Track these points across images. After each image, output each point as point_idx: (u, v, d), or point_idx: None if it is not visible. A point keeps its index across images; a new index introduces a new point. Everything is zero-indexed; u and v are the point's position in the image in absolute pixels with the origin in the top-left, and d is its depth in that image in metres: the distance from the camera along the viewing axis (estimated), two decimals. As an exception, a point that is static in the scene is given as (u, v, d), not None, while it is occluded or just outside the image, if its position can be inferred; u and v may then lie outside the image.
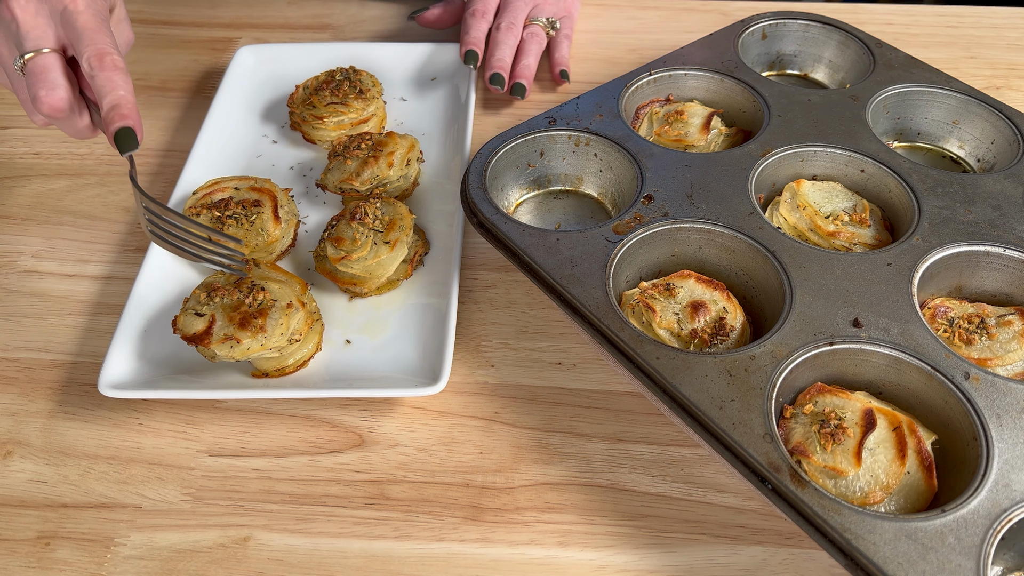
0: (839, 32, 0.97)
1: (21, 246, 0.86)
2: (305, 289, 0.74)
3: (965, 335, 0.68)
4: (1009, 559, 0.58)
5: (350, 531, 0.64)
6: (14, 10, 0.69)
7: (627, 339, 0.63)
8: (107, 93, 0.70)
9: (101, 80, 0.69)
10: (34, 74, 0.70)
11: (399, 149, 0.85)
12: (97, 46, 0.70)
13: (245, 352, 0.67)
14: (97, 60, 0.69)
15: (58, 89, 0.70)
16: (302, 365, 0.72)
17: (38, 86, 0.69)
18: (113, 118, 0.70)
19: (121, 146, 0.70)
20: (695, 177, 0.77)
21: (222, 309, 0.69)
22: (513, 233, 0.72)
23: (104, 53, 0.70)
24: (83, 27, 0.70)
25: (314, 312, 0.73)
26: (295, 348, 0.71)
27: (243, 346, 0.67)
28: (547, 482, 0.67)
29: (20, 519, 0.65)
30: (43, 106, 0.70)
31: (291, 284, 0.73)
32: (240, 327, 0.67)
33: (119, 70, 0.70)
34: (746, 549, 0.63)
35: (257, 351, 0.67)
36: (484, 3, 1.02)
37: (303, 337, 0.71)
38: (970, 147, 0.88)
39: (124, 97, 0.70)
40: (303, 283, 0.74)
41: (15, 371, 0.75)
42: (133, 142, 0.70)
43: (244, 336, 0.67)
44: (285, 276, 0.74)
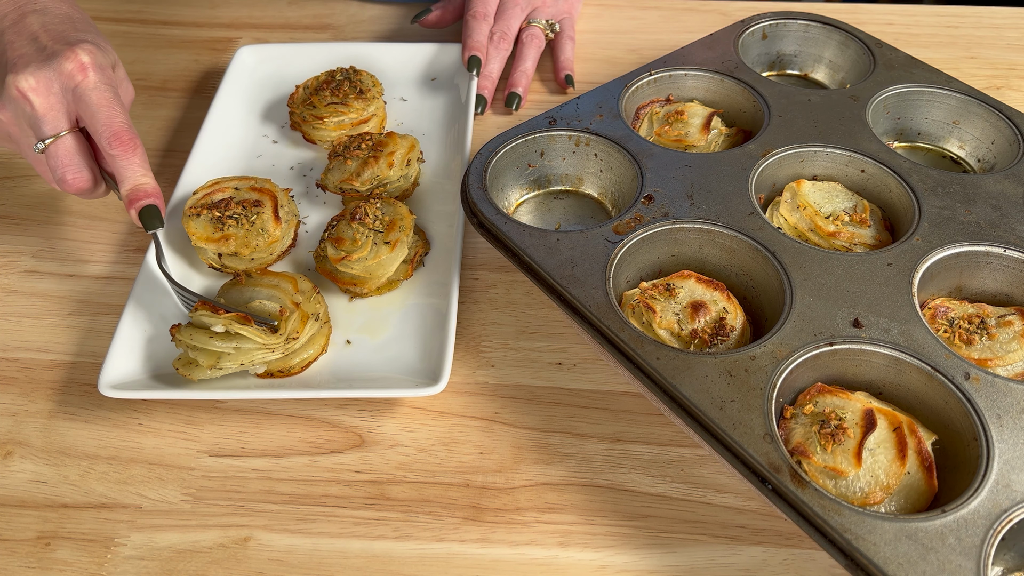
0: (839, 32, 0.97)
1: (21, 246, 0.86)
2: (297, 287, 0.73)
3: (965, 335, 0.68)
4: (1009, 559, 0.58)
5: (350, 531, 0.64)
6: (28, 96, 0.70)
7: (627, 339, 0.63)
8: (127, 176, 0.73)
9: (121, 163, 0.72)
10: (57, 159, 0.73)
11: (399, 149, 0.85)
12: (113, 127, 0.72)
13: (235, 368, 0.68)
14: (116, 141, 0.72)
15: (84, 171, 0.74)
16: (307, 365, 0.72)
17: (63, 170, 0.73)
18: (136, 197, 0.73)
19: (146, 224, 0.73)
20: (695, 177, 0.77)
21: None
22: (513, 233, 0.72)
23: (120, 133, 0.72)
24: (96, 105, 0.71)
25: (317, 314, 0.73)
26: (299, 348, 0.71)
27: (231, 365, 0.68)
28: (547, 482, 0.67)
29: (20, 519, 0.65)
30: (70, 188, 0.74)
31: (281, 286, 0.73)
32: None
33: (137, 149, 0.73)
34: (746, 549, 0.63)
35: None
36: (484, 5, 1.02)
37: (304, 336, 0.71)
38: (970, 147, 0.88)
39: (145, 180, 0.73)
40: (293, 280, 0.73)
41: (15, 371, 0.75)
42: (158, 220, 0.73)
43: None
44: (276, 279, 0.74)
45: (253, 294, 0.72)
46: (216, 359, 0.67)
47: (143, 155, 0.74)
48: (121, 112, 0.73)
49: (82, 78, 0.72)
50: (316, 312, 0.72)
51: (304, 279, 0.75)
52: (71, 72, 0.71)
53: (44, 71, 0.71)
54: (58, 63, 0.71)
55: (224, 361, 0.67)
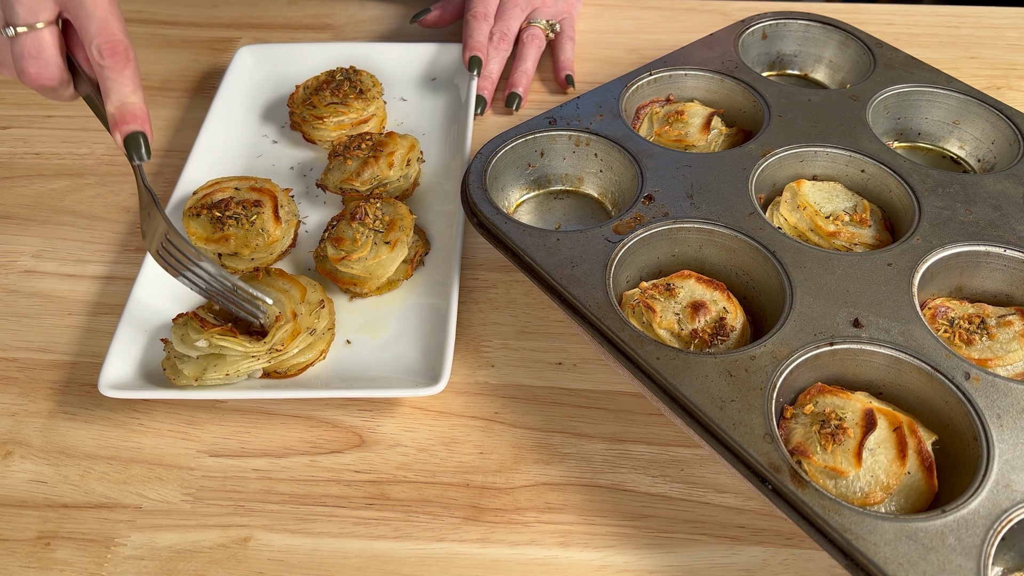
0: (839, 32, 0.97)
1: (21, 246, 0.86)
2: (304, 298, 0.73)
3: (965, 335, 0.68)
4: (1009, 559, 0.58)
5: (350, 531, 0.64)
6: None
7: (627, 339, 0.63)
8: (115, 90, 0.65)
9: (111, 75, 0.64)
10: (25, 49, 0.64)
11: (399, 149, 0.85)
12: (108, 33, 0.63)
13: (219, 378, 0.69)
14: (109, 50, 0.63)
15: (50, 68, 0.65)
16: (302, 369, 0.72)
17: (27, 60, 0.64)
18: (123, 119, 0.65)
19: (131, 152, 0.66)
20: (695, 177, 0.77)
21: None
22: (513, 233, 0.72)
23: (115, 42, 0.64)
24: (93, 5, 0.63)
25: (313, 328, 0.72)
26: (289, 357, 0.71)
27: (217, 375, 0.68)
28: (547, 482, 0.67)
29: (20, 519, 0.65)
30: (30, 81, 0.65)
31: (291, 292, 0.72)
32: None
33: (130, 63, 0.65)
34: (746, 549, 0.63)
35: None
36: (485, 5, 1.02)
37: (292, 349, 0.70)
38: (970, 147, 0.88)
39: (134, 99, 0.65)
40: (304, 290, 0.73)
41: (15, 371, 0.75)
42: (144, 149, 0.66)
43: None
44: (289, 284, 0.73)
45: (261, 291, 0.72)
46: (201, 371, 0.67)
47: (135, 70, 0.65)
48: (118, 19, 0.64)
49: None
50: (312, 327, 0.71)
51: (315, 289, 0.74)
52: None
53: None
54: None
55: (209, 373, 0.67)
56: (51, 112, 1.01)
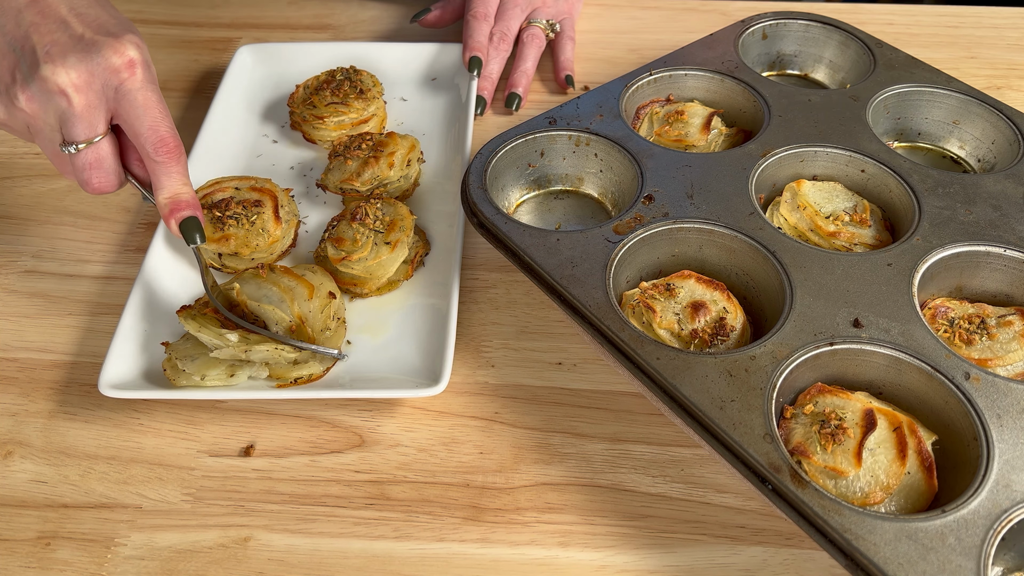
0: (839, 32, 0.97)
1: (21, 246, 0.86)
2: (312, 293, 0.72)
3: (965, 335, 0.68)
4: (1009, 559, 0.58)
5: (350, 531, 0.64)
6: (67, 92, 0.64)
7: (627, 339, 0.63)
8: (167, 184, 0.69)
9: (163, 170, 0.68)
10: (87, 163, 0.67)
11: (400, 149, 0.85)
12: (159, 132, 0.67)
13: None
14: (163, 149, 0.67)
15: (111, 176, 0.69)
16: (305, 381, 0.71)
17: (90, 173, 0.68)
18: (177, 208, 0.69)
19: (187, 237, 0.70)
20: (695, 177, 0.77)
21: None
22: (513, 233, 0.72)
23: (167, 140, 0.67)
24: (143, 108, 0.66)
25: (326, 321, 0.72)
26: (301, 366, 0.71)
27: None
28: (547, 482, 0.67)
29: (20, 519, 0.65)
30: (93, 190, 0.69)
31: (297, 291, 0.72)
32: None
33: (180, 158, 0.69)
34: (746, 549, 0.63)
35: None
36: (485, 5, 1.02)
37: None
38: (970, 147, 0.88)
39: (186, 190, 0.69)
40: (310, 286, 0.72)
41: (15, 371, 0.75)
42: (199, 232, 0.70)
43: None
44: (295, 281, 0.72)
45: (267, 292, 0.71)
46: (225, 369, 0.68)
47: (185, 163, 0.70)
48: (166, 116, 0.68)
49: (128, 76, 0.65)
50: (326, 326, 0.72)
51: (325, 281, 0.74)
52: (118, 68, 0.64)
53: (87, 64, 0.63)
54: (104, 57, 0.64)
55: (238, 373, 0.68)
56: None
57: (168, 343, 0.70)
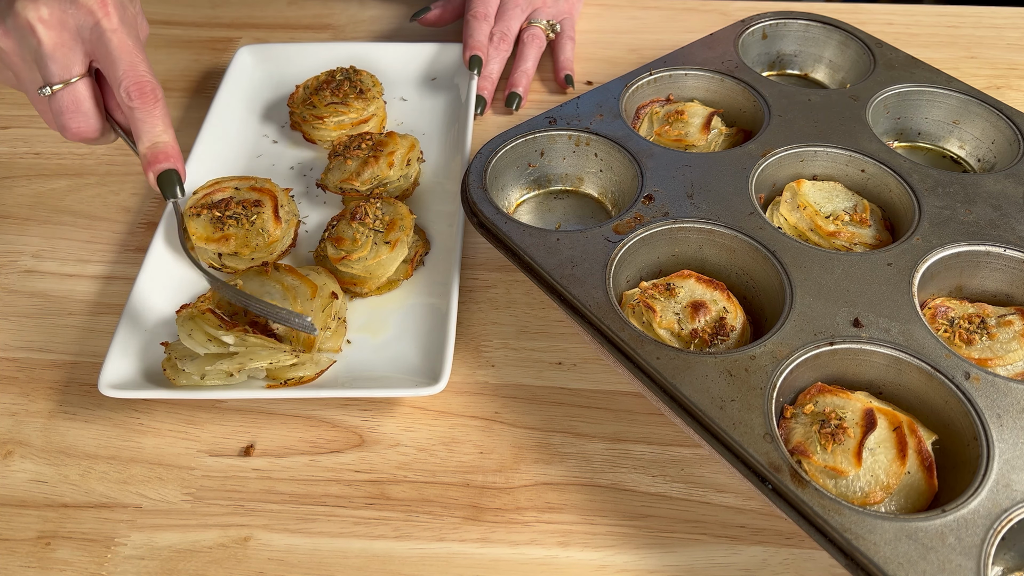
0: (839, 32, 0.97)
1: (21, 246, 0.86)
2: (315, 292, 0.72)
3: (965, 335, 0.68)
4: (1009, 559, 0.58)
5: (350, 531, 0.64)
6: (36, 28, 0.63)
7: (627, 339, 0.63)
8: (146, 131, 0.67)
9: (140, 115, 0.66)
10: (63, 105, 0.66)
11: (399, 149, 0.85)
12: (136, 75, 0.65)
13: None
14: (137, 92, 0.65)
15: (89, 120, 0.67)
16: (301, 381, 0.71)
17: (67, 116, 0.66)
18: (155, 159, 0.67)
19: (165, 191, 0.68)
20: (695, 177, 0.77)
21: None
22: (513, 233, 0.72)
23: (143, 84, 0.65)
24: (118, 49, 0.64)
25: (327, 320, 0.71)
26: (295, 365, 0.71)
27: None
28: (547, 482, 0.67)
29: (20, 519, 0.65)
30: (72, 135, 0.67)
31: (300, 290, 0.71)
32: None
33: (158, 103, 0.66)
34: (746, 549, 0.63)
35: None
36: (485, 5, 1.02)
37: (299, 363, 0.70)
38: (970, 147, 0.88)
39: (165, 138, 0.67)
40: (313, 285, 0.72)
41: (15, 371, 0.75)
42: (178, 186, 0.68)
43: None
44: (298, 280, 0.72)
45: (271, 290, 0.71)
46: (221, 368, 0.67)
47: (164, 109, 0.67)
48: (143, 60, 0.66)
49: (103, 15, 0.64)
50: (327, 325, 0.72)
51: (328, 282, 0.73)
52: (90, 8, 0.63)
53: (60, 2, 0.63)
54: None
55: (237, 372, 0.67)
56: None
57: (168, 343, 0.70)
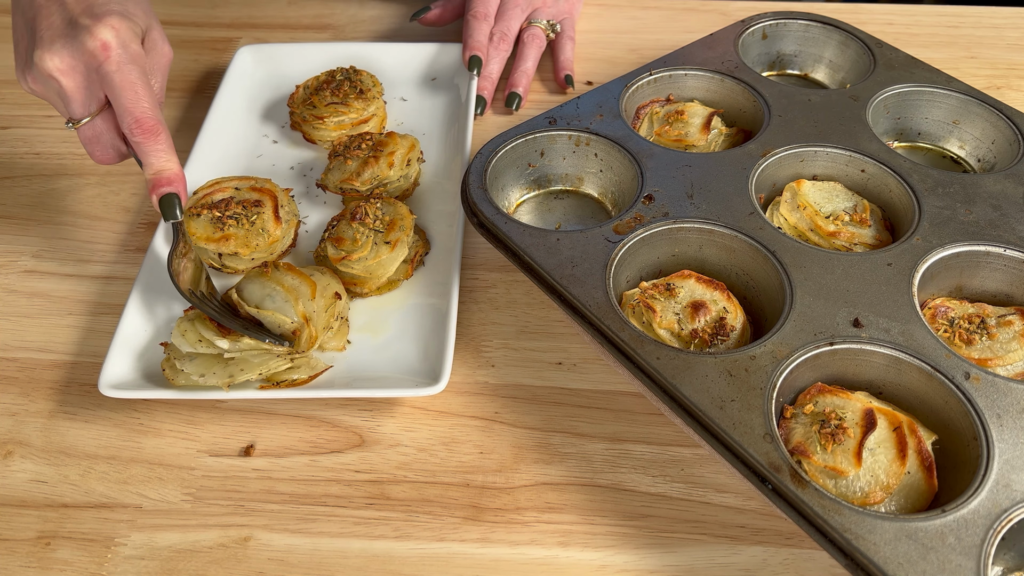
0: (839, 32, 0.97)
1: (21, 246, 0.86)
2: (315, 292, 0.71)
3: (965, 335, 0.68)
4: (1009, 559, 0.58)
5: (350, 531, 0.64)
6: (56, 76, 0.68)
7: (627, 339, 0.63)
8: (149, 162, 0.72)
9: (144, 148, 0.71)
10: (86, 137, 0.73)
11: (399, 149, 0.85)
12: (134, 112, 0.70)
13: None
14: (138, 127, 0.70)
15: (110, 151, 0.75)
16: (294, 384, 0.71)
17: (90, 147, 0.74)
18: (158, 184, 0.72)
19: (164, 213, 0.73)
20: (695, 177, 0.77)
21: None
22: (513, 233, 0.72)
23: (141, 120, 0.70)
24: (119, 88, 0.69)
25: (330, 320, 0.71)
26: (295, 366, 0.71)
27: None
28: (547, 482, 0.67)
29: (20, 519, 0.65)
30: (97, 161, 0.76)
31: (300, 290, 0.71)
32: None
33: (160, 135, 0.72)
34: (746, 549, 0.63)
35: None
36: (485, 5, 1.02)
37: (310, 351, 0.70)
38: (970, 147, 0.88)
39: (168, 166, 0.72)
40: (313, 285, 0.72)
41: (15, 371, 0.75)
42: (176, 209, 0.73)
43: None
44: (299, 280, 0.72)
45: (271, 292, 0.71)
46: (224, 373, 0.67)
47: (166, 138, 0.72)
48: (144, 94, 0.70)
49: (104, 58, 0.68)
50: (329, 325, 0.72)
51: (332, 282, 0.73)
52: (93, 52, 0.68)
53: (68, 50, 0.68)
54: (81, 42, 0.68)
55: (238, 376, 0.67)
56: (51, 112, 1.01)
57: (167, 343, 0.70)
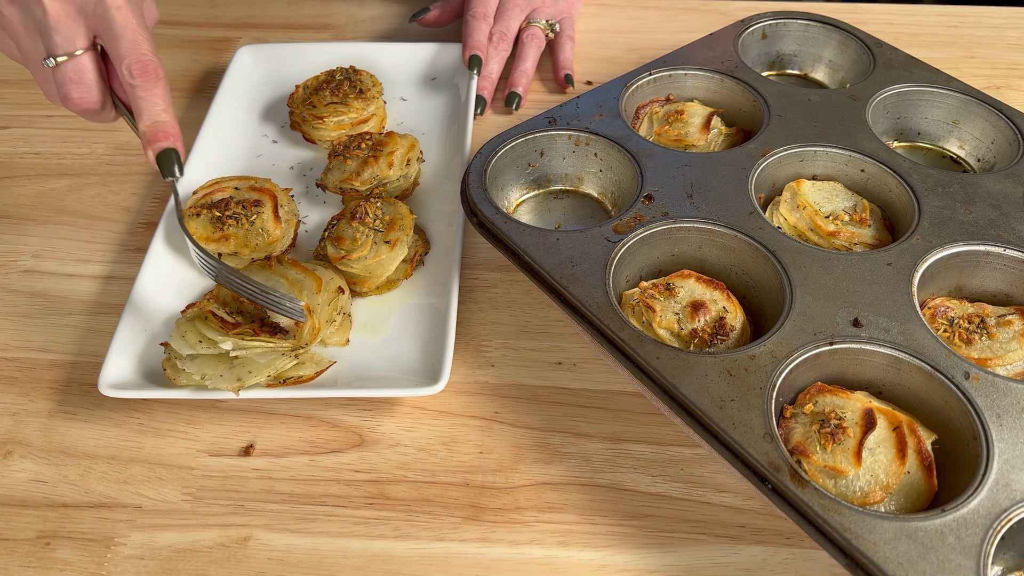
0: (839, 32, 0.97)
1: (21, 246, 0.86)
2: (320, 286, 0.72)
3: (965, 335, 0.68)
4: (1009, 559, 0.58)
5: (350, 531, 0.64)
6: (42, 1, 0.64)
7: (627, 339, 0.63)
8: (146, 109, 0.67)
9: (141, 93, 0.66)
10: (67, 76, 0.67)
11: (399, 149, 0.85)
12: (138, 53, 0.65)
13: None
14: (139, 70, 0.66)
15: (92, 92, 0.68)
16: (295, 382, 0.71)
17: (70, 87, 0.67)
18: (155, 137, 0.67)
19: (164, 169, 0.68)
20: (695, 177, 0.77)
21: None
22: (513, 233, 0.72)
23: (145, 62, 0.66)
24: (121, 27, 0.65)
25: (332, 314, 0.72)
26: (298, 364, 0.71)
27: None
28: (547, 482, 0.67)
29: (20, 519, 0.65)
30: (74, 106, 0.68)
31: (305, 284, 0.71)
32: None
33: (159, 82, 0.67)
34: (746, 549, 0.63)
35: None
36: (484, 5, 1.02)
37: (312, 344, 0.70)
38: (970, 147, 0.88)
39: (166, 118, 0.67)
40: (318, 279, 0.72)
41: (15, 371, 0.75)
42: (177, 165, 0.68)
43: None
44: (303, 274, 0.72)
45: (275, 284, 0.71)
46: (228, 373, 0.67)
47: (165, 89, 0.68)
48: (146, 39, 0.66)
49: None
50: (332, 319, 0.72)
51: (334, 276, 0.74)
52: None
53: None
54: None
55: (248, 379, 0.67)
56: (51, 112, 1.01)
57: (168, 343, 0.70)
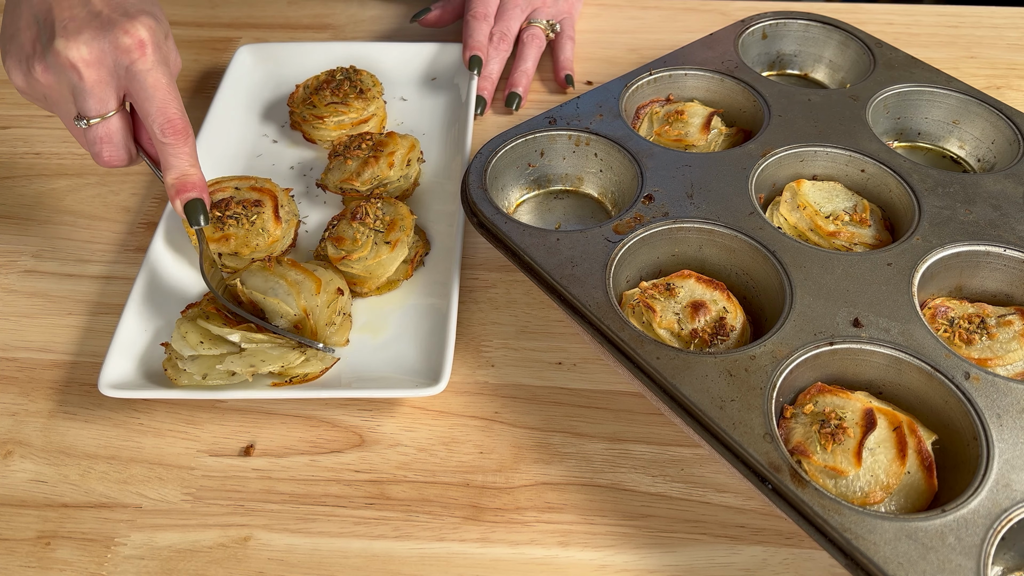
0: (839, 32, 0.97)
1: (21, 246, 0.86)
2: (319, 287, 0.72)
3: (965, 335, 0.68)
4: (1009, 559, 0.58)
5: (350, 531, 0.64)
6: (78, 67, 0.66)
7: (627, 339, 0.63)
8: (175, 164, 0.70)
9: (171, 151, 0.70)
10: (98, 136, 0.70)
11: (399, 149, 0.85)
12: (167, 113, 0.68)
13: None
14: (170, 130, 0.69)
15: (121, 151, 0.72)
16: (306, 379, 0.71)
17: (101, 147, 0.71)
18: (183, 188, 0.70)
19: (191, 218, 0.71)
20: (695, 177, 0.77)
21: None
22: (513, 233, 0.72)
23: (175, 121, 0.69)
24: (152, 88, 0.68)
25: (332, 316, 0.72)
26: (301, 363, 0.71)
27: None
28: (547, 482, 0.67)
29: (20, 519, 0.65)
30: (104, 163, 0.72)
31: (304, 285, 0.71)
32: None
33: (188, 140, 0.70)
34: (746, 549, 0.63)
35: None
36: (485, 5, 1.02)
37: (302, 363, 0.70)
38: (970, 147, 0.88)
39: (191, 171, 0.71)
40: (318, 280, 0.72)
41: (15, 371, 0.75)
42: (203, 214, 0.71)
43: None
44: (303, 275, 0.72)
45: (274, 285, 0.71)
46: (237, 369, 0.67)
47: (193, 145, 0.71)
48: (175, 97, 0.69)
49: (139, 55, 0.67)
50: (331, 321, 0.72)
51: (334, 277, 0.74)
52: (128, 48, 0.66)
53: (99, 42, 0.66)
54: (115, 36, 0.66)
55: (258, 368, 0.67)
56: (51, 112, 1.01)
57: (168, 343, 0.70)
